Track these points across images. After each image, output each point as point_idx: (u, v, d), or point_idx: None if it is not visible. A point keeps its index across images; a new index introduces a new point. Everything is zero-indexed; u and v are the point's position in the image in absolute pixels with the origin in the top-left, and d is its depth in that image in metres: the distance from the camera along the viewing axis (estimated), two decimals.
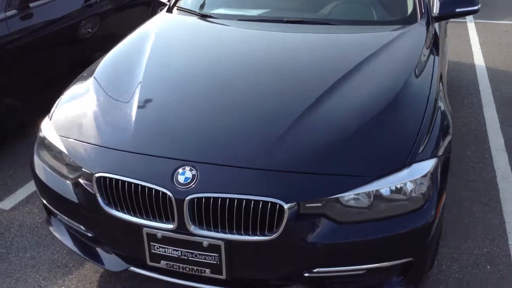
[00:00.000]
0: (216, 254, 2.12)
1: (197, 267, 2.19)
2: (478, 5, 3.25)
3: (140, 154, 2.23)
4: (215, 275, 2.18)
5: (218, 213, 2.07)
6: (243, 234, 2.07)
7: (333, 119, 2.28)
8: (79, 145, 2.36)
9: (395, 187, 2.08)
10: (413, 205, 2.10)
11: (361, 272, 2.15)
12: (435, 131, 2.30)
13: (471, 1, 3.24)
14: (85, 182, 2.29)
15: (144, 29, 3.31)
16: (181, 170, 2.12)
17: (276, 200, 2.01)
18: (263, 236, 2.05)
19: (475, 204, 3.25)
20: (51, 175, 2.46)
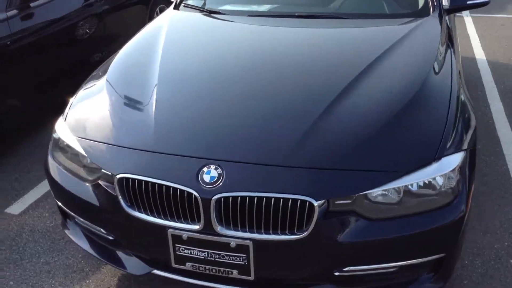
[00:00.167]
0: (244, 255, 2.08)
1: (224, 268, 2.14)
2: None
3: (162, 154, 2.17)
4: (243, 276, 2.13)
5: (246, 213, 2.02)
6: (271, 234, 2.02)
7: (358, 114, 2.24)
8: (98, 146, 2.30)
9: (423, 182, 2.04)
10: (443, 200, 2.07)
11: (392, 269, 2.11)
12: (460, 124, 2.27)
13: None
14: (105, 183, 2.24)
15: (154, 27, 3.25)
16: (206, 169, 2.07)
17: (306, 198, 1.96)
18: (292, 235, 2.01)
19: (490, 197, 3.23)
20: (68, 177, 2.40)
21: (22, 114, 3.96)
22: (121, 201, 2.17)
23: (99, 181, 2.26)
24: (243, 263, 2.10)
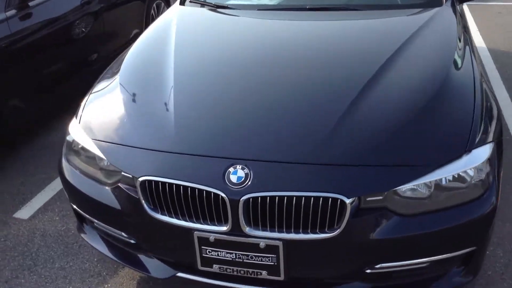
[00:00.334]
0: (274, 255, 2.03)
1: (252, 269, 2.09)
2: None
3: (186, 155, 2.11)
4: (272, 277, 2.09)
5: (276, 212, 1.97)
6: (301, 233, 1.98)
7: (384, 108, 2.19)
8: (117, 148, 2.23)
9: (453, 175, 2.00)
10: (473, 193, 2.04)
11: (424, 265, 2.08)
12: (487, 115, 2.24)
13: None
14: (126, 186, 2.18)
15: (162, 25, 3.18)
16: (232, 169, 2.02)
17: (337, 195, 1.92)
18: (323, 234, 1.96)
19: (506, 187, 3.21)
20: (85, 180, 2.34)
21: (23, 116, 3.87)
22: (144, 204, 2.11)
23: (119, 184, 2.20)
24: (272, 263, 2.05)
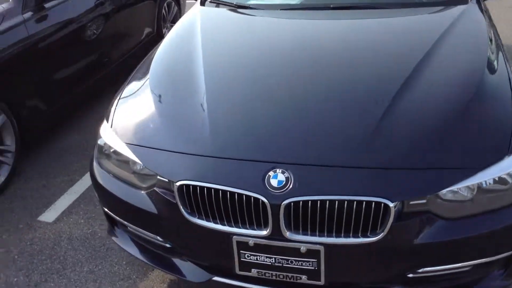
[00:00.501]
0: (315, 260, 2.01)
1: (292, 274, 2.07)
2: None
3: (224, 159, 2.09)
4: (312, 281, 2.07)
5: (317, 217, 1.95)
6: (343, 237, 1.96)
7: (422, 109, 2.17)
8: (153, 152, 2.21)
9: (494, 178, 1.98)
10: None
11: (466, 269, 2.06)
12: None
13: None
14: (162, 190, 2.16)
15: (187, 25, 3.14)
16: (272, 173, 2.00)
17: (381, 199, 1.90)
18: (366, 238, 1.94)
19: None
20: (119, 184, 2.32)
21: (41, 117, 3.85)
22: (181, 208, 2.09)
23: (155, 189, 2.18)
24: (313, 268, 2.04)
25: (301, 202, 1.94)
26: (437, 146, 2.03)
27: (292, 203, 1.94)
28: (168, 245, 2.27)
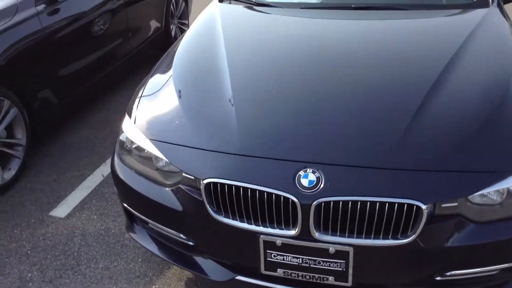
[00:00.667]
0: (343, 261, 2.00)
1: (319, 275, 2.06)
2: None
3: (253, 157, 2.07)
4: (339, 283, 2.05)
5: (348, 218, 1.93)
6: (373, 239, 1.94)
7: (453, 111, 2.17)
8: (179, 149, 2.18)
9: None
10: None
11: (493, 272, 2.05)
12: None
13: None
14: (187, 188, 2.13)
15: (208, 22, 3.10)
16: (302, 172, 1.98)
17: (414, 202, 1.89)
18: (396, 240, 1.93)
19: None
20: (141, 180, 2.29)
21: (52, 110, 3.80)
22: (208, 206, 2.06)
23: (180, 186, 2.15)
24: (340, 269, 2.02)
25: (332, 203, 1.92)
26: (468, 149, 2.02)
27: (323, 203, 1.93)
28: (191, 243, 2.24)
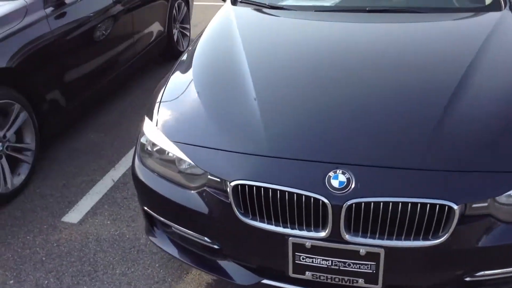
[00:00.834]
0: (373, 263, 1.98)
1: (348, 277, 2.03)
2: None
3: (281, 159, 2.05)
4: (369, 285, 2.03)
5: (379, 219, 1.92)
6: (405, 240, 1.93)
7: (480, 112, 2.16)
8: (204, 151, 2.16)
9: None
10: None
11: None
12: None
13: None
14: (213, 190, 2.11)
15: (224, 25, 3.08)
16: (332, 173, 1.96)
17: (446, 202, 1.88)
18: (427, 241, 1.91)
19: None
20: (164, 183, 2.26)
21: (62, 113, 3.76)
22: (235, 209, 2.04)
23: (206, 188, 2.13)
24: (371, 271, 2.00)
25: (363, 204, 1.91)
26: (499, 149, 2.02)
27: (354, 205, 1.91)
28: (216, 246, 2.21)
